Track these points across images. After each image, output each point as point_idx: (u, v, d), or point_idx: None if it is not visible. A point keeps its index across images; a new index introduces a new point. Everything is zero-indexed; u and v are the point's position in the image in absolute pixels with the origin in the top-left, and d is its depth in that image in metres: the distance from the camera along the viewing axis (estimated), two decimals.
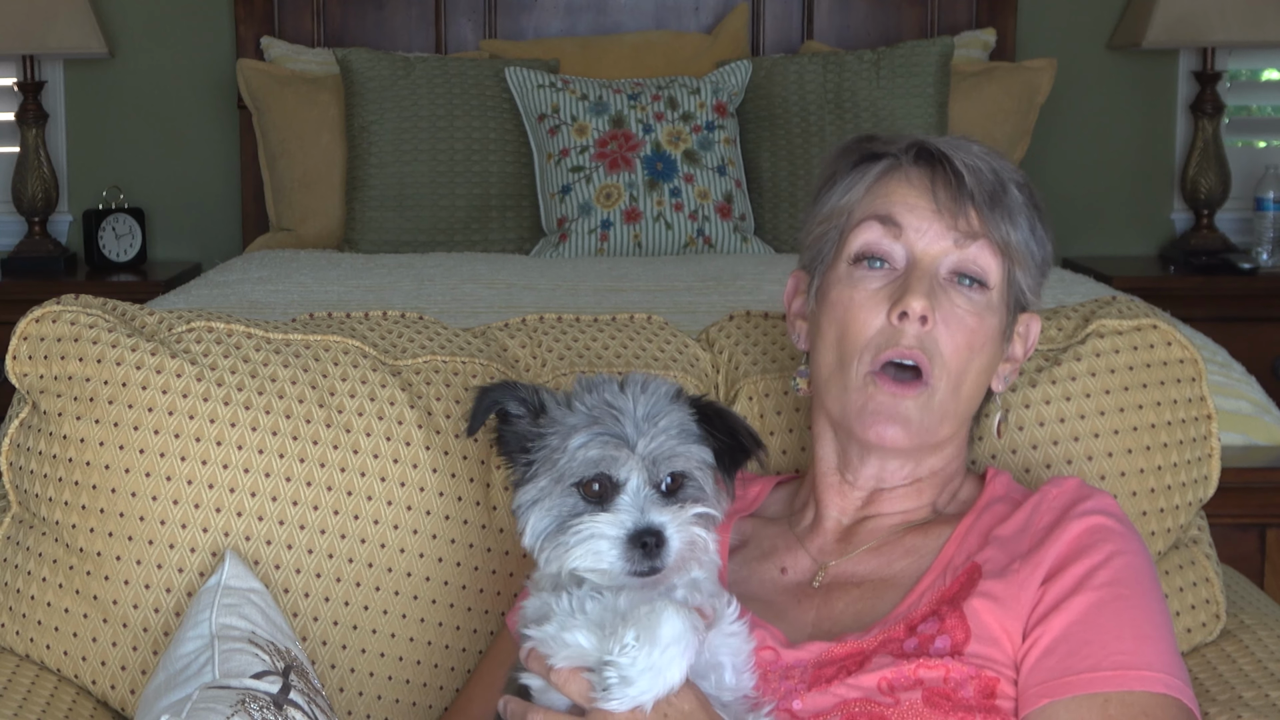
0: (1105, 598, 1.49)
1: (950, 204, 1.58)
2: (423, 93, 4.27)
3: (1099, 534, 1.53)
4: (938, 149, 1.60)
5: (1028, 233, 1.61)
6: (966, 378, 1.59)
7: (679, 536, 1.41)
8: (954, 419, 1.61)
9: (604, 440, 1.42)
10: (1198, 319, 3.40)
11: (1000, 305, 1.61)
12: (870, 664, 1.50)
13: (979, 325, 1.58)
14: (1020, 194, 1.61)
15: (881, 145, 1.64)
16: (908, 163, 1.61)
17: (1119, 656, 1.47)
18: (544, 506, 1.44)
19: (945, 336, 1.57)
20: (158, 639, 1.74)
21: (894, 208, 1.59)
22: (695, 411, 1.48)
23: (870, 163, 1.64)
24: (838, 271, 1.62)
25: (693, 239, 4.14)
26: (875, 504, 1.65)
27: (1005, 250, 1.59)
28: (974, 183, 1.58)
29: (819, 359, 1.63)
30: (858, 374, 1.58)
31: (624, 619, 1.37)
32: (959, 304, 1.58)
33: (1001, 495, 1.63)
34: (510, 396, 1.49)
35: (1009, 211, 1.59)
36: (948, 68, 4.33)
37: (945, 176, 1.59)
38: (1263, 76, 5.00)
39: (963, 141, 1.62)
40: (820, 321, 1.63)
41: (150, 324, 1.83)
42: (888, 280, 1.59)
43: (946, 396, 1.58)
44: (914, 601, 1.55)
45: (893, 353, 1.56)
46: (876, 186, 1.62)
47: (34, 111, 4.54)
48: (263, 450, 1.76)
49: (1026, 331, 1.67)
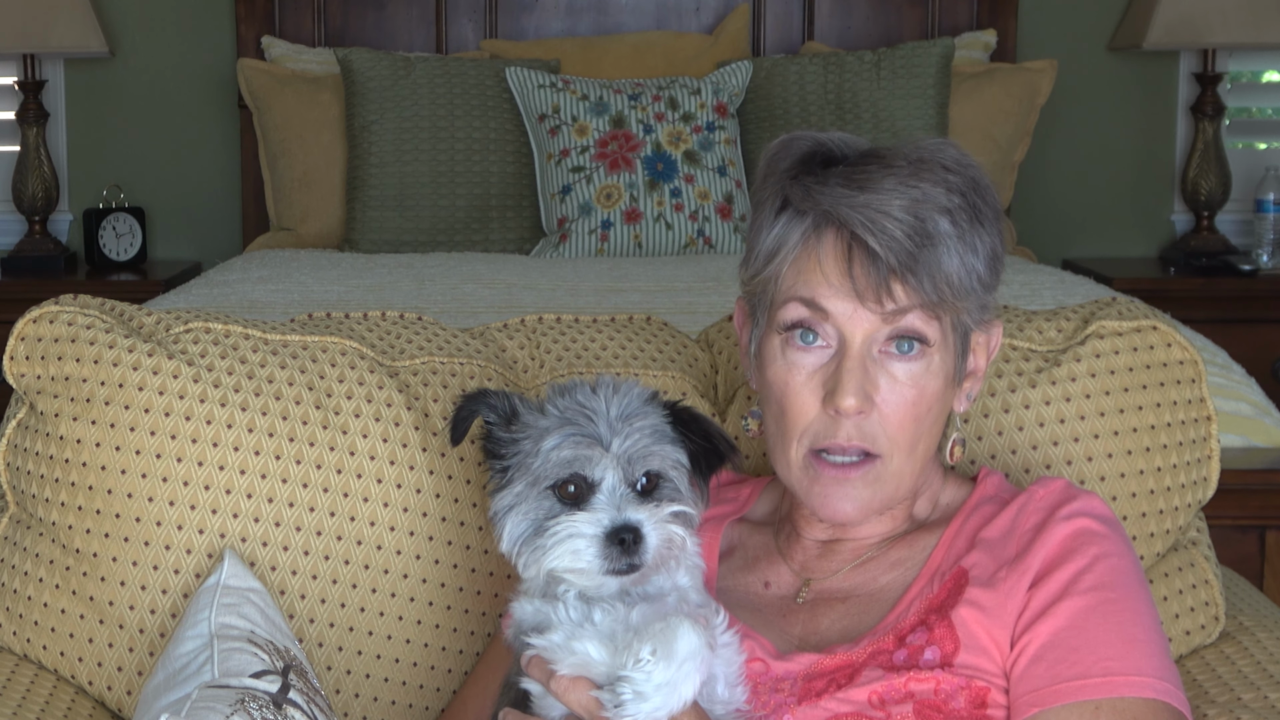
0: (1092, 602, 1.48)
1: (870, 286, 1.49)
2: (423, 93, 4.27)
3: (1084, 537, 1.52)
4: (851, 225, 1.48)
5: (960, 270, 1.51)
6: (920, 439, 1.55)
7: (656, 534, 1.41)
8: (913, 473, 1.57)
9: (577, 440, 1.43)
10: (1198, 320, 3.40)
11: (945, 357, 1.55)
12: (860, 677, 1.49)
13: (919, 396, 1.53)
14: (949, 224, 1.50)
15: (801, 197, 1.52)
16: (826, 230, 1.51)
17: (1108, 662, 1.46)
18: (520, 511, 1.44)
19: (888, 414, 1.52)
20: (154, 640, 1.74)
21: (816, 290, 1.51)
22: (669, 415, 1.48)
23: (790, 219, 1.54)
24: (772, 343, 1.55)
25: (693, 239, 4.14)
26: (849, 529, 1.62)
27: (940, 305, 1.51)
28: (890, 257, 1.48)
29: (765, 419, 1.60)
30: (798, 455, 1.54)
31: (638, 633, 1.37)
32: (899, 377, 1.52)
33: (991, 495, 1.62)
34: (482, 404, 1.49)
35: (935, 264, 1.49)
36: (948, 69, 4.33)
37: (861, 256, 1.49)
38: (1263, 78, 5.00)
39: (884, 193, 1.48)
40: (761, 386, 1.59)
41: (148, 324, 1.83)
42: (821, 360, 1.53)
43: (901, 463, 1.55)
44: (902, 611, 1.54)
45: (831, 444, 1.52)
46: (799, 257, 1.53)
47: (34, 110, 4.54)
48: (259, 451, 1.76)
49: (987, 340, 1.61)
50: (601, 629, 1.40)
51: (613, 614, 1.41)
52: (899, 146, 1.54)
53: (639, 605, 1.42)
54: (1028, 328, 1.87)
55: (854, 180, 1.51)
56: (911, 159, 1.52)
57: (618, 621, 1.40)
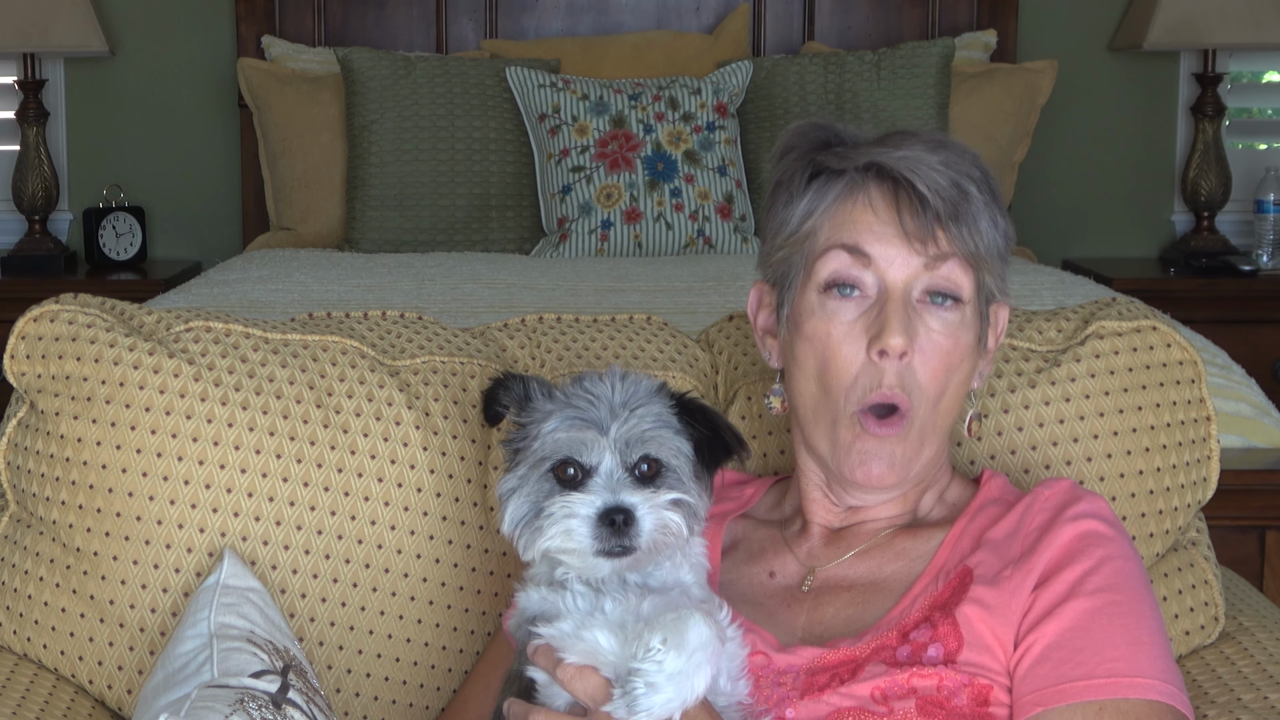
0: (1098, 604, 1.49)
1: (917, 229, 1.54)
2: (423, 92, 4.27)
3: (1090, 539, 1.53)
4: (899, 172, 1.55)
5: (991, 231, 1.57)
6: (945, 394, 1.57)
7: (651, 518, 1.41)
8: (934, 435, 1.59)
9: (574, 423, 1.43)
10: (1198, 321, 3.40)
11: (974, 316, 1.59)
12: (863, 672, 1.49)
13: (954, 346, 1.56)
14: (980, 193, 1.56)
15: (836, 160, 1.58)
16: (871, 183, 1.56)
17: (1112, 664, 1.46)
18: (522, 493, 1.45)
19: (921, 365, 1.54)
20: (154, 639, 1.74)
21: (860, 236, 1.55)
22: (676, 405, 1.48)
23: (827, 180, 1.59)
24: (808, 299, 1.58)
25: (693, 239, 4.14)
26: (861, 512, 1.64)
27: (975, 261, 1.56)
28: (938, 202, 1.53)
29: (798, 387, 1.61)
30: (844, 412, 1.56)
31: (649, 624, 1.37)
32: (934, 327, 1.55)
33: (996, 498, 1.62)
34: (501, 388, 1.50)
35: (973, 219, 1.55)
36: (949, 69, 4.33)
37: (909, 200, 1.55)
38: (1264, 79, 5.00)
39: (919, 152, 1.55)
40: (796, 351, 1.60)
41: (149, 323, 1.83)
42: (862, 309, 1.55)
43: (926, 418, 1.56)
44: (906, 607, 1.55)
45: (877, 396, 1.54)
46: (838, 210, 1.58)
47: (34, 110, 4.54)
48: (260, 450, 1.76)
49: (995, 321, 1.65)
50: (612, 618, 1.40)
51: (623, 604, 1.41)
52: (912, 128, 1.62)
53: (649, 597, 1.42)
54: (1027, 328, 1.87)
55: (887, 143, 1.58)
56: (933, 137, 1.59)
57: (628, 612, 1.40)
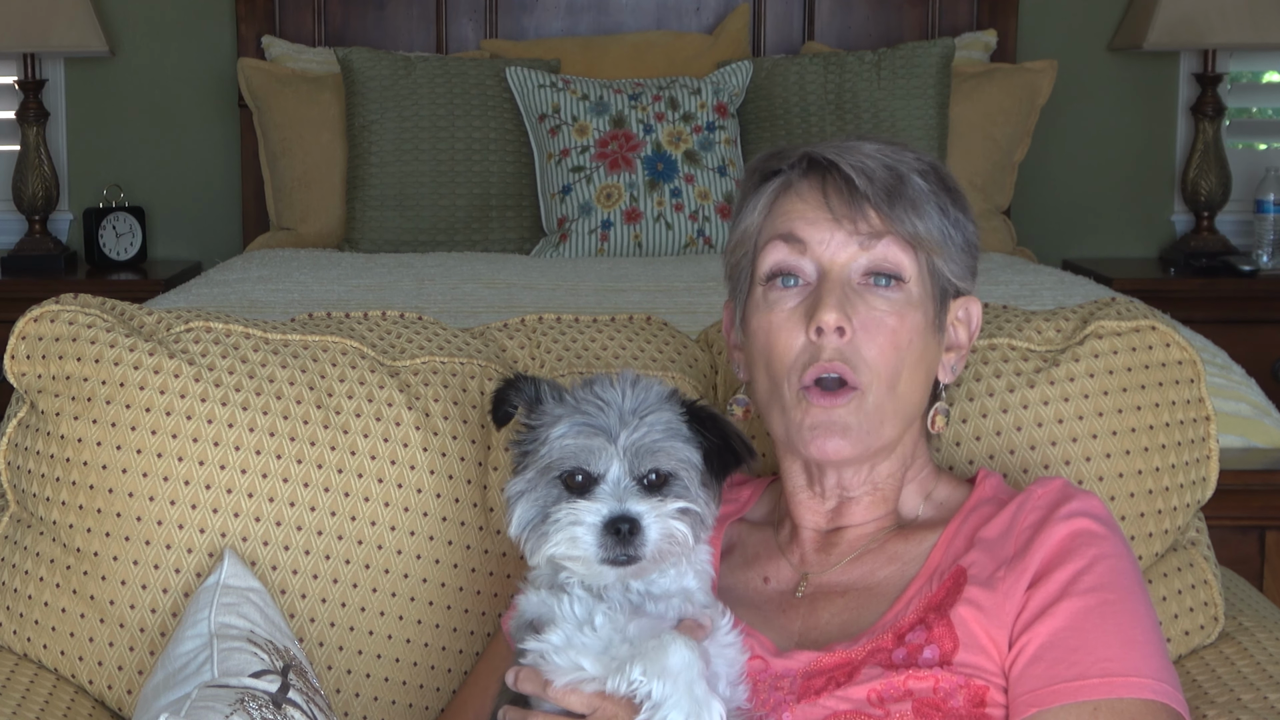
0: (1091, 603, 1.49)
1: (845, 209, 1.56)
2: (423, 92, 4.27)
3: (1082, 538, 1.52)
4: (824, 157, 1.58)
5: (939, 219, 1.58)
6: (900, 376, 1.57)
7: (656, 527, 1.41)
8: (895, 419, 1.59)
9: (583, 430, 1.43)
10: (1198, 321, 3.40)
11: (924, 298, 1.59)
12: (859, 675, 1.49)
13: (900, 324, 1.57)
14: (924, 181, 1.58)
15: (777, 161, 1.63)
16: (799, 176, 1.60)
17: (1106, 663, 1.46)
18: (530, 497, 1.45)
19: (866, 341, 1.55)
20: (154, 639, 1.74)
21: (794, 224, 1.58)
22: (686, 413, 1.48)
23: (766, 181, 1.63)
24: (754, 297, 1.61)
25: (693, 239, 4.14)
26: (845, 514, 1.64)
27: (915, 241, 1.57)
28: (865, 183, 1.56)
29: (756, 386, 1.63)
30: (789, 393, 1.57)
31: (631, 653, 1.38)
32: (876, 306, 1.56)
33: (989, 497, 1.62)
34: (511, 389, 1.51)
35: (912, 203, 1.57)
36: (949, 69, 4.33)
37: (835, 183, 1.57)
38: (1264, 79, 5.00)
39: (855, 143, 1.60)
40: (750, 350, 1.63)
41: (149, 324, 1.83)
42: (803, 296, 1.57)
43: (882, 398, 1.57)
44: (901, 609, 1.55)
45: (815, 369, 1.55)
46: (775, 206, 1.61)
47: (34, 110, 4.54)
48: (260, 450, 1.76)
49: (967, 316, 1.65)
50: (601, 634, 1.40)
51: (613, 621, 1.41)
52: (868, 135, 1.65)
53: (638, 619, 1.42)
54: (1027, 328, 1.87)
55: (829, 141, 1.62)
56: (882, 140, 1.62)
57: (616, 630, 1.41)
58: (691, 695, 1.36)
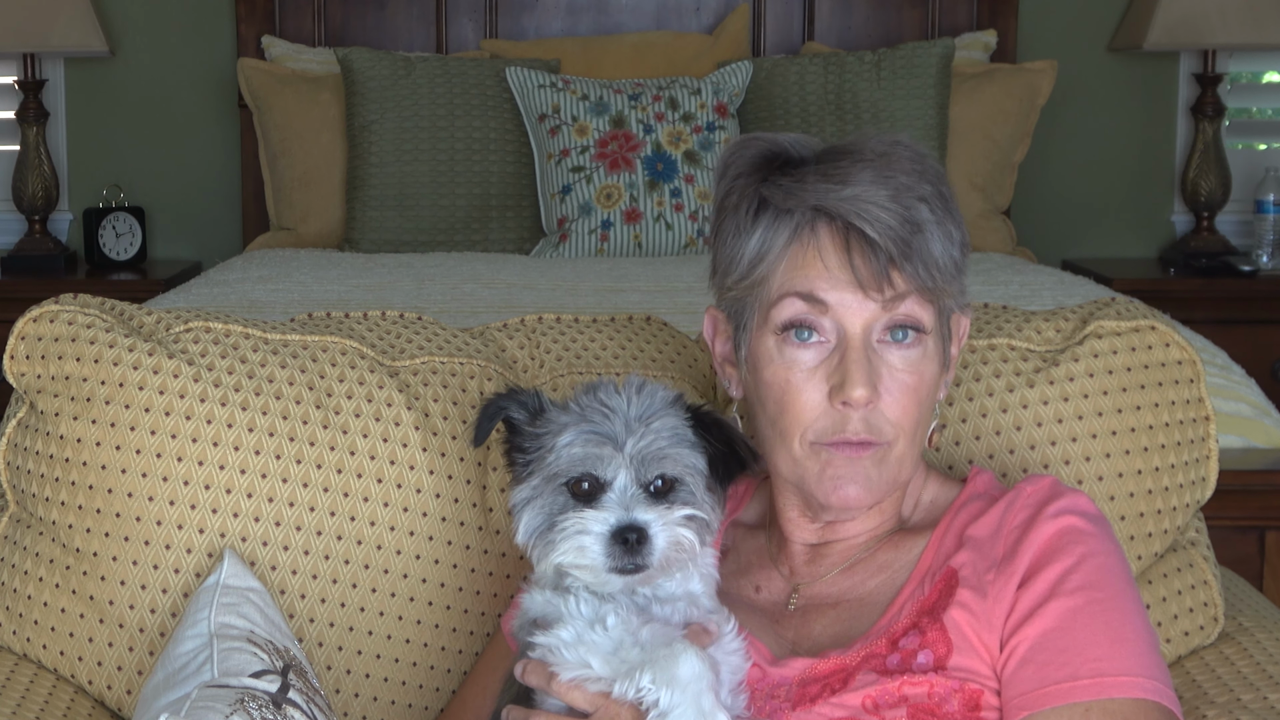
0: (1079, 603, 1.48)
1: (871, 275, 1.50)
2: (423, 92, 4.27)
3: (1070, 536, 1.51)
4: (845, 216, 1.50)
5: (946, 252, 1.53)
6: (920, 425, 1.56)
7: (664, 535, 1.41)
8: (912, 460, 1.57)
9: (590, 438, 1.43)
10: (1198, 321, 3.40)
11: (936, 345, 1.56)
12: (854, 682, 1.49)
13: (919, 381, 1.54)
14: (931, 213, 1.52)
15: (782, 197, 1.53)
16: (817, 228, 1.52)
17: (1096, 663, 1.45)
18: (536, 505, 1.45)
19: (890, 404, 1.52)
20: (154, 639, 1.74)
21: (814, 284, 1.52)
22: (691, 418, 1.48)
23: (775, 218, 1.55)
24: (766, 343, 1.55)
25: (693, 239, 4.15)
26: (838, 529, 1.62)
27: (933, 291, 1.53)
28: (889, 245, 1.49)
29: (759, 424, 1.59)
30: (801, 448, 1.54)
31: (641, 659, 1.38)
32: (897, 366, 1.53)
33: (980, 492, 1.61)
34: (512, 401, 1.50)
35: (926, 249, 1.51)
36: (949, 69, 4.33)
37: (860, 246, 1.50)
38: (1263, 79, 5.00)
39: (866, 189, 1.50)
40: (757, 390, 1.58)
41: (148, 324, 1.83)
42: (822, 355, 1.53)
43: (905, 448, 1.55)
44: (894, 615, 1.54)
45: (840, 438, 1.52)
46: (790, 256, 1.54)
47: (34, 110, 4.54)
48: (259, 450, 1.76)
49: (955, 331, 1.62)
50: (612, 635, 1.40)
51: (625, 622, 1.41)
52: (857, 139, 1.56)
53: (650, 624, 1.42)
54: (1026, 328, 1.87)
55: (832, 176, 1.52)
56: (878, 152, 1.54)
57: (628, 632, 1.40)
58: (699, 707, 1.36)
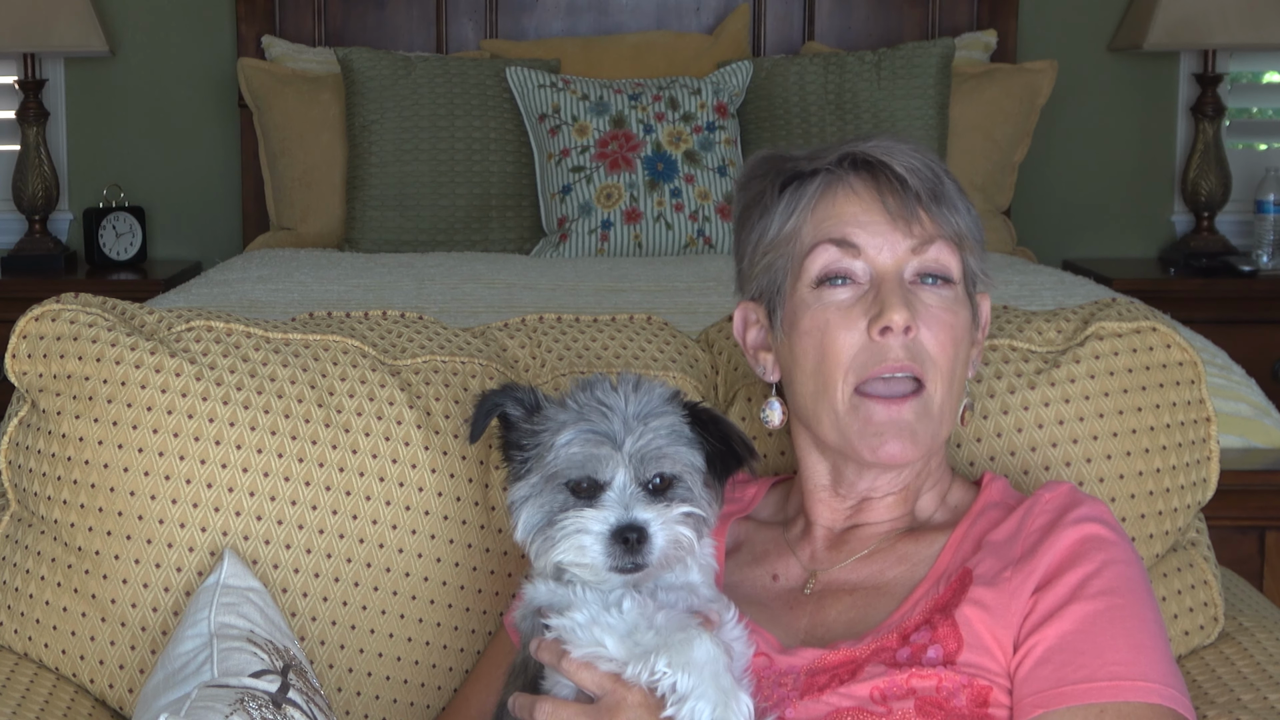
0: (1100, 607, 1.49)
1: (901, 211, 1.55)
2: (423, 92, 4.27)
3: (1091, 543, 1.52)
4: (875, 157, 1.57)
5: (968, 217, 1.60)
6: (956, 372, 1.58)
7: (663, 534, 1.41)
8: (951, 416, 1.60)
9: (589, 438, 1.44)
10: (1198, 321, 3.40)
11: (965, 295, 1.60)
12: (863, 673, 1.49)
13: (955, 320, 1.57)
14: (950, 181, 1.59)
15: (806, 162, 1.60)
16: (846, 173, 1.59)
17: (1114, 667, 1.46)
18: (535, 503, 1.46)
19: (930, 339, 1.55)
20: (156, 638, 1.74)
21: (846, 228, 1.57)
22: (688, 415, 1.48)
23: (802, 181, 1.60)
24: (801, 297, 1.59)
25: (693, 239, 4.15)
26: (864, 512, 1.64)
27: (959, 241, 1.58)
28: (918, 184, 1.56)
29: (799, 388, 1.61)
30: (844, 397, 1.56)
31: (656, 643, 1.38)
32: (933, 304, 1.56)
33: (997, 501, 1.62)
34: (508, 397, 1.50)
35: (951, 202, 1.58)
36: (949, 69, 4.33)
37: (890, 184, 1.57)
38: (1264, 79, 5.00)
39: (889, 142, 1.59)
40: (794, 349, 1.60)
41: (150, 323, 1.83)
42: (857, 295, 1.56)
43: (944, 397, 1.57)
44: (907, 610, 1.55)
45: (882, 369, 1.54)
46: (819, 205, 1.59)
47: (34, 110, 4.54)
48: (261, 449, 1.76)
49: (980, 308, 1.66)
50: (627, 618, 1.41)
51: (640, 606, 1.42)
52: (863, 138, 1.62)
53: (664, 610, 1.42)
54: (1027, 329, 1.87)
55: (853, 140, 1.60)
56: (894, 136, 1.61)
57: (642, 617, 1.41)
58: (719, 686, 1.36)
